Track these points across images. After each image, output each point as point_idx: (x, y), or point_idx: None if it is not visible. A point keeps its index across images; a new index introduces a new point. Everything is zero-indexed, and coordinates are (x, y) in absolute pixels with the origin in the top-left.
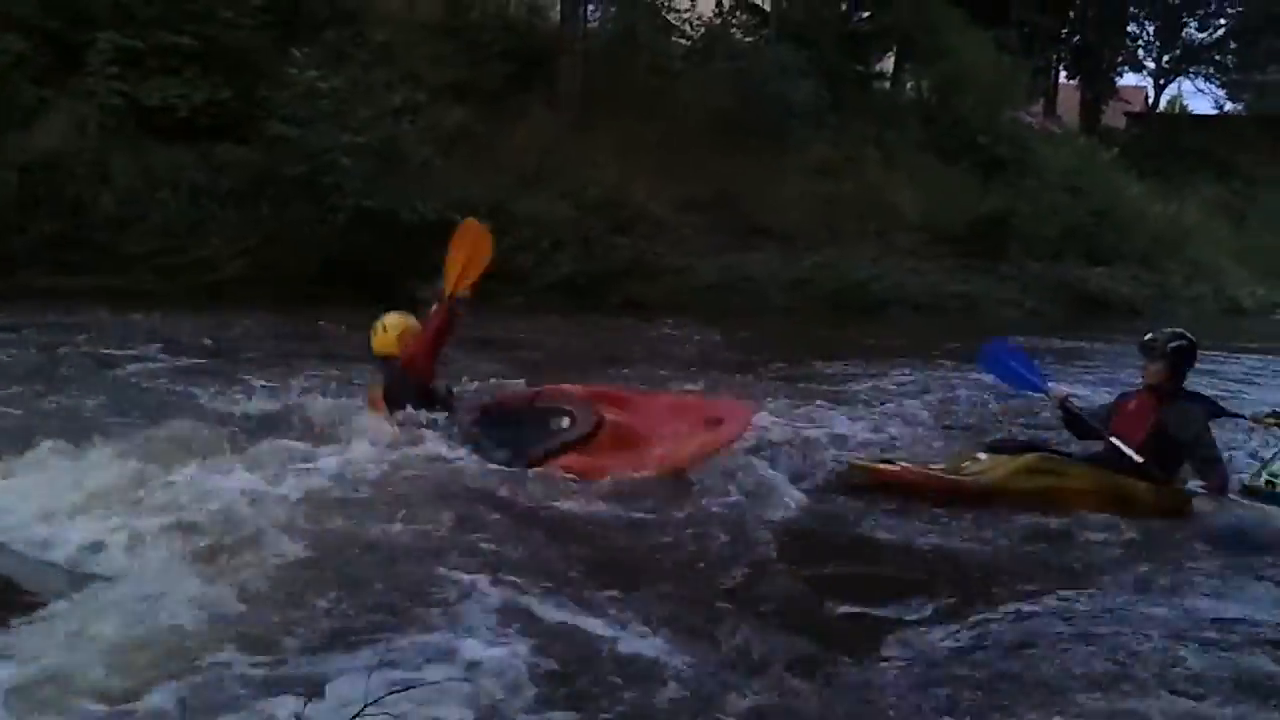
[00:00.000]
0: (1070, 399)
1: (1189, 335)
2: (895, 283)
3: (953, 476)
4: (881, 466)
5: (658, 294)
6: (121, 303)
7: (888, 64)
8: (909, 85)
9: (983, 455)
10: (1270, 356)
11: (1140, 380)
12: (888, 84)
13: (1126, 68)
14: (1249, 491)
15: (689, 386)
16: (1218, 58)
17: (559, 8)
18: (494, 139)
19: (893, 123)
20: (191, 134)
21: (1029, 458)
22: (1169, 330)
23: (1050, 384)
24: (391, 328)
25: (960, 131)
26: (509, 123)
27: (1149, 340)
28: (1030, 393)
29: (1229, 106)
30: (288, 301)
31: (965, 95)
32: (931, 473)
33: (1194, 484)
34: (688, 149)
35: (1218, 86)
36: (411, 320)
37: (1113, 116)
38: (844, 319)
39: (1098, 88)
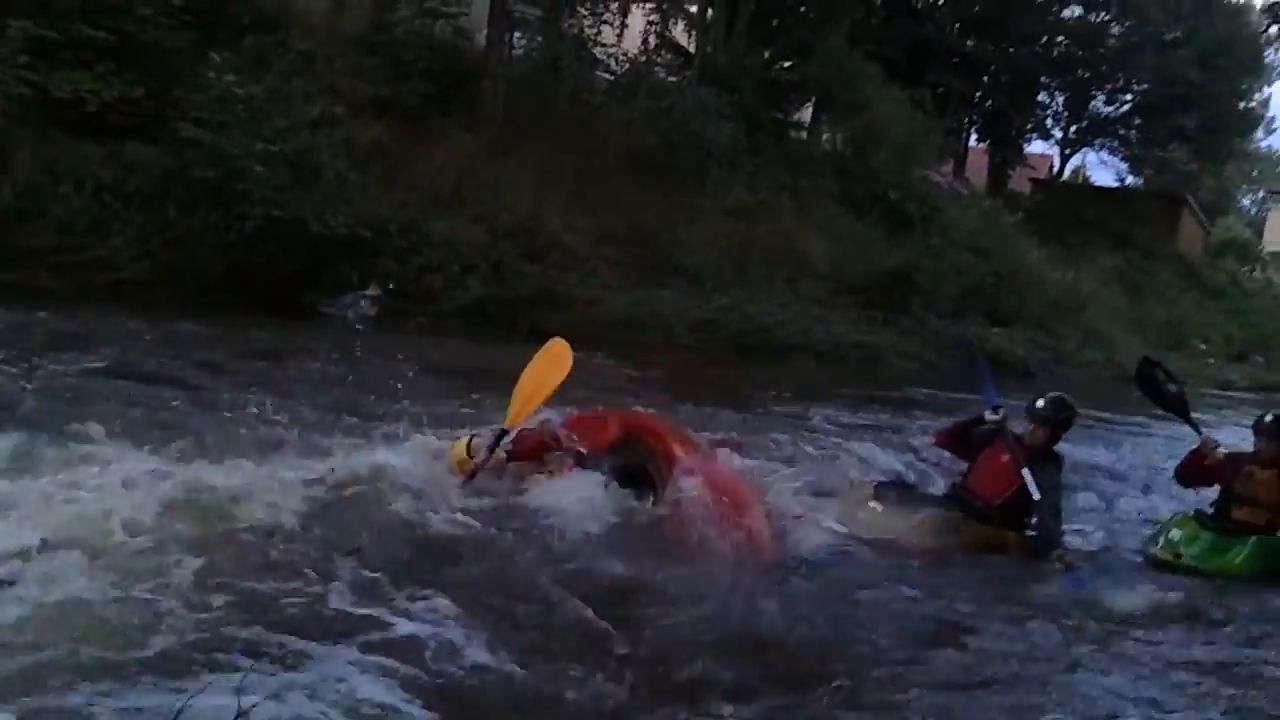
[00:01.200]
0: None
1: (1073, 406)
2: (800, 329)
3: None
4: None
5: (565, 325)
6: (14, 299)
7: (806, 114)
8: (825, 137)
9: (875, 504)
10: (1153, 421)
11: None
12: (804, 134)
13: (1035, 135)
14: (1155, 562)
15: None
16: (1122, 131)
17: (484, 31)
18: (410, 158)
19: (807, 172)
20: (100, 130)
21: (932, 516)
22: (1056, 398)
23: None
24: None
25: (872, 185)
26: (427, 143)
27: (1040, 408)
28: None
29: (1130, 180)
30: (188, 306)
31: (878, 150)
32: None
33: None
34: (605, 182)
35: (1121, 159)
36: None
37: (1019, 182)
38: (748, 361)
39: (1006, 153)
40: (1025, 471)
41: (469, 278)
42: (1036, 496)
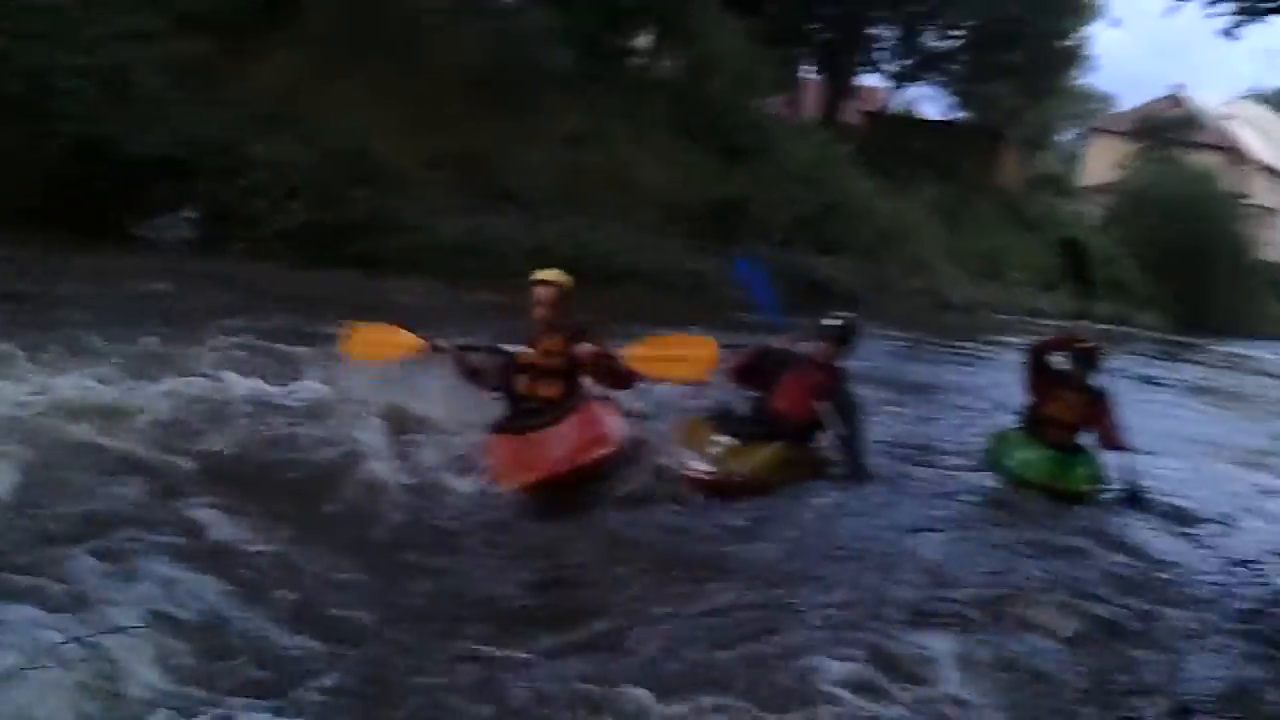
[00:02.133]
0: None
1: (857, 323)
2: (633, 256)
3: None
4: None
5: (394, 251)
6: None
7: (643, 41)
8: (662, 65)
9: (722, 438)
10: (971, 347)
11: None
12: (641, 62)
13: (867, 69)
14: (999, 477)
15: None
16: (951, 67)
17: None
18: (234, 75)
19: (644, 100)
20: None
21: (778, 450)
22: (843, 315)
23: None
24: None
25: (707, 114)
26: (252, 60)
27: (828, 325)
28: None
29: (956, 114)
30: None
31: (714, 80)
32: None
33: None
34: (437, 106)
35: (949, 94)
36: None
37: (851, 114)
38: (582, 289)
39: (839, 85)
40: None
41: (294, 202)
42: (842, 416)
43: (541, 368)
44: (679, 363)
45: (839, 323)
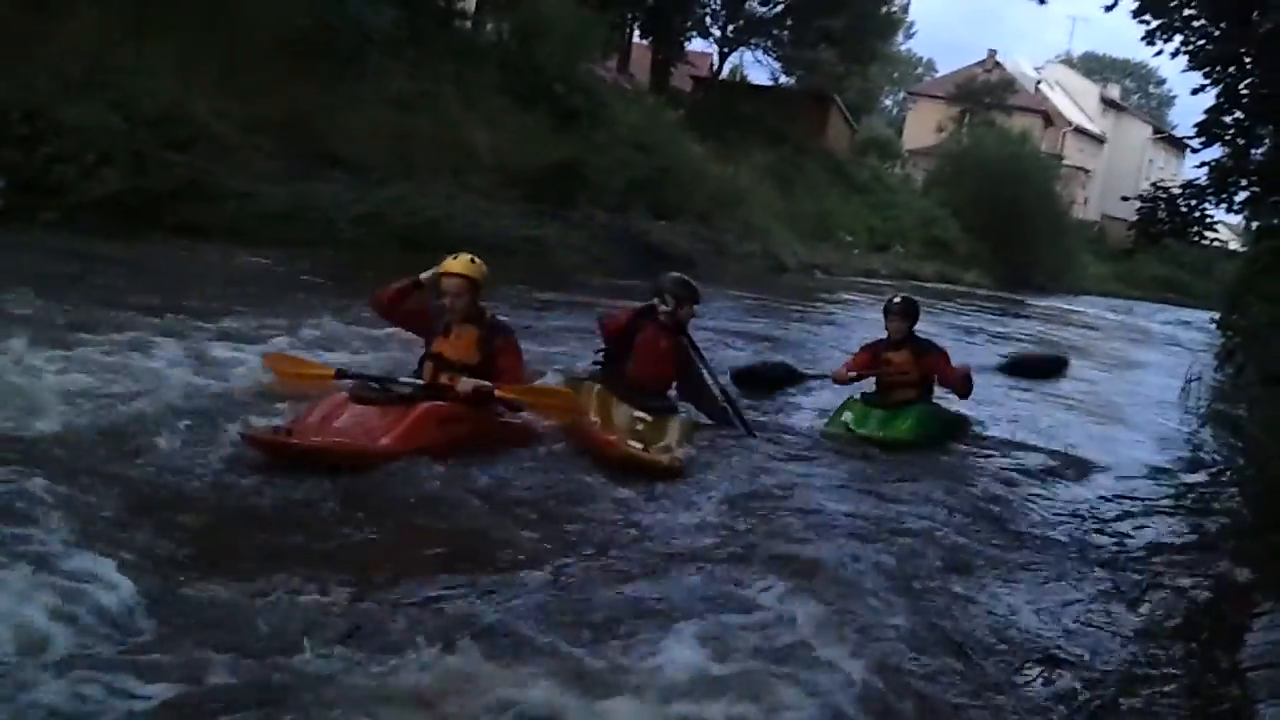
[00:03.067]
0: None
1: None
2: (468, 222)
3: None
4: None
5: (217, 219)
6: None
7: (469, 3)
8: (489, 27)
9: (636, 412)
10: (804, 307)
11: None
12: (468, 24)
13: (695, 33)
14: (829, 437)
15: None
16: (775, 32)
17: None
18: (36, 37)
19: (471, 62)
20: None
21: (685, 422)
22: (680, 279)
23: None
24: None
25: (537, 78)
26: (54, 20)
27: (671, 287)
28: None
29: (783, 79)
30: None
31: (543, 43)
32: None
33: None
34: (256, 68)
35: (774, 60)
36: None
37: (680, 79)
38: (415, 256)
39: (668, 50)
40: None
41: (105, 169)
42: (708, 373)
43: (449, 360)
44: (550, 404)
45: (680, 284)
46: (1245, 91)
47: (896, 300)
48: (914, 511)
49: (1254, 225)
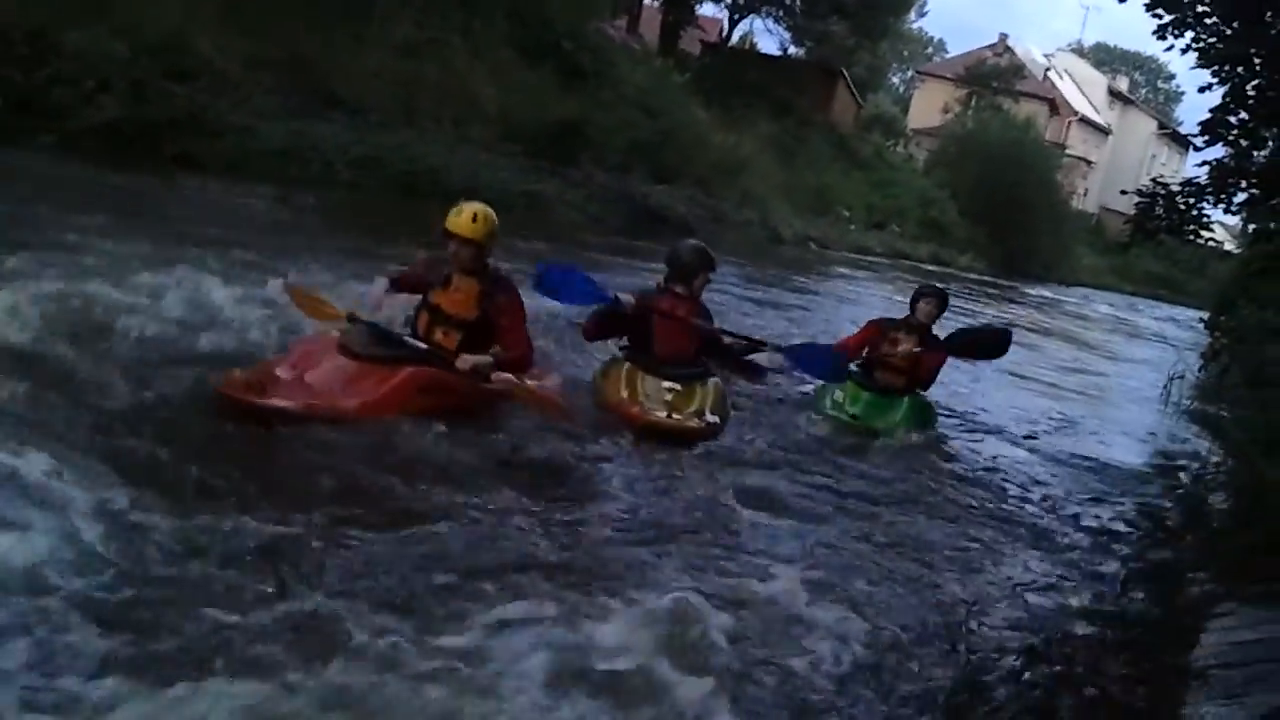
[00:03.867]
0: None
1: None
2: (467, 173)
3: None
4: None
5: (215, 153)
6: None
7: None
8: None
9: (666, 383)
10: (799, 279)
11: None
12: None
13: None
14: (824, 418)
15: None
16: (787, 1)
17: None
18: None
19: (479, 12)
20: None
21: (715, 387)
22: (694, 244)
23: (612, 292)
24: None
25: (546, 33)
26: None
27: (689, 255)
28: (595, 304)
29: (792, 50)
30: None
31: None
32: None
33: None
34: (261, 4)
35: (784, 29)
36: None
37: (689, 43)
38: (412, 203)
39: (678, 12)
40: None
41: (104, 95)
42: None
43: (446, 313)
44: (536, 403)
45: (697, 254)
46: (1252, 92)
47: (936, 285)
48: (884, 494)
49: (1250, 228)
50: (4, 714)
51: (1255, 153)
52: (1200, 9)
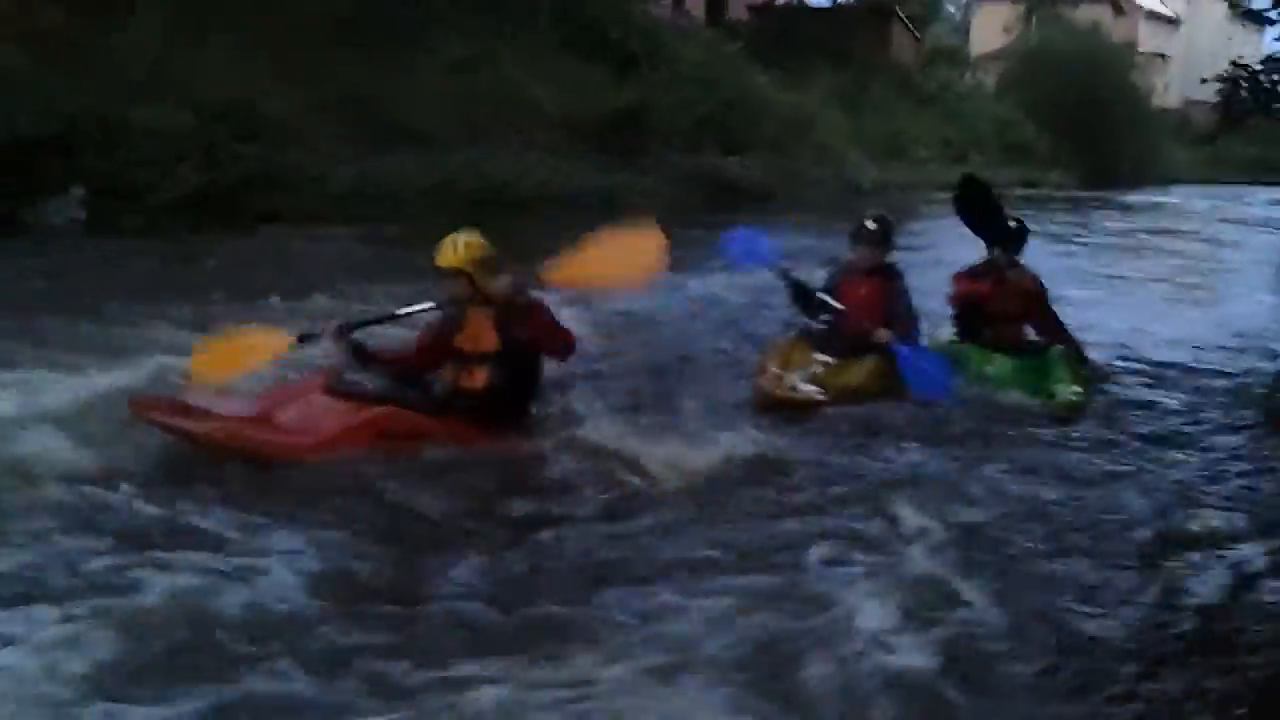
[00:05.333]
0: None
1: (889, 216)
2: (537, 180)
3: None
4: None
5: (293, 204)
6: None
7: None
8: None
9: (821, 356)
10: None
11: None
12: None
13: None
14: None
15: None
16: None
17: None
18: (97, 45)
19: (526, 17)
20: None
21: (873, 364)
22: (877, 215)
23: (782, 263)
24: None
25: (592, 26)
26: (112, 26)
27: (869, 230)
28: (766, 269)
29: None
30: None
31: None
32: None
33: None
34: (309, 51)
35: None
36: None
37: (737, 10)
38: (488, 219)
39: None
40: (882, 333)
41: (181, 167)
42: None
43: (468, 353)
44: (617, 266)
45: (874, 223)
46: None
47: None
48: (1053, 466)
49: None
50: None
51: None
52: None
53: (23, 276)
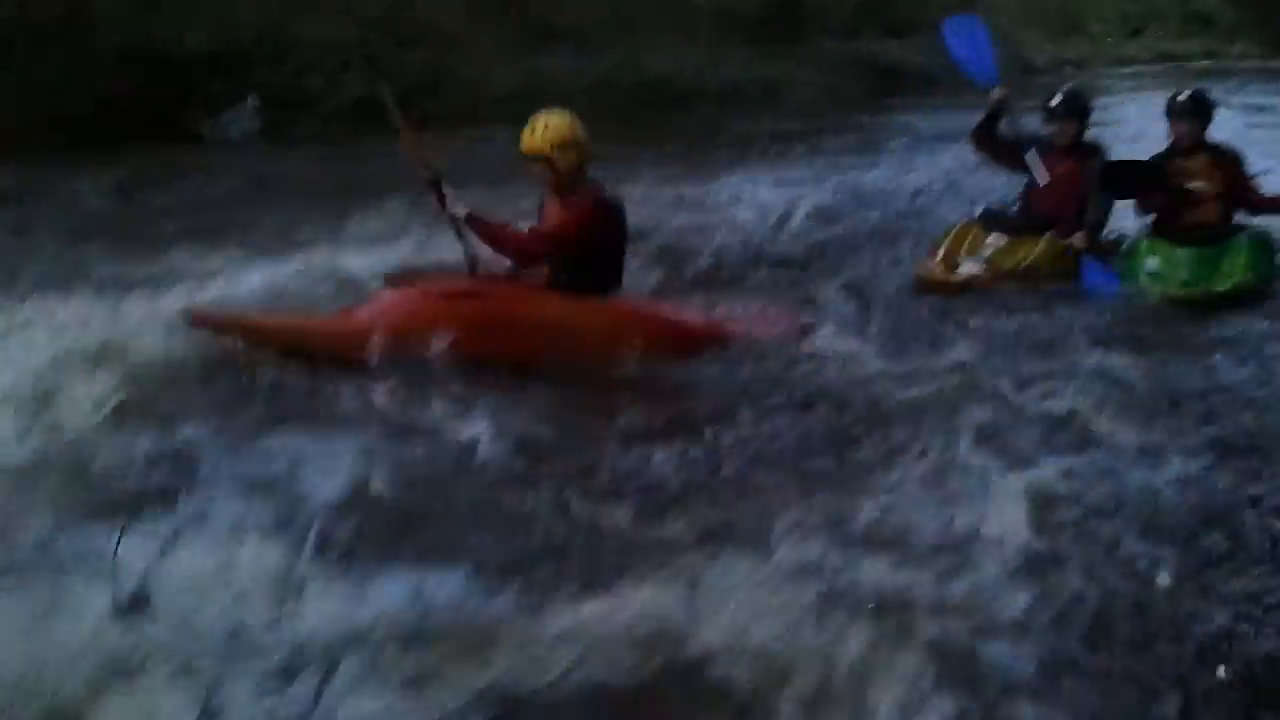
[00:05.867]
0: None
1: (1084, 91)
2: (695, 75)
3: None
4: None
5: (456, 107)
6: None
7: None
8: None
9: (991, 237)
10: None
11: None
12: None
13: None
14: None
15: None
16: None
17: None
18: None
19: None
20: None
21: (1045, 242)
22: (1070, 90)
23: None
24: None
25: None
26: None
27: (1059, 105)
28: (975, 78)
29: None
30: (67, 148)
31: None
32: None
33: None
34: None
35: None
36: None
37: None
38: (649, 116)
39: None
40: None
41: (346, 74)
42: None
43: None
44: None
45: (1069, 98)
46: None
47: (1182, 98)
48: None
49: None
50: None
51: None
52: None
53: (214, 181)
